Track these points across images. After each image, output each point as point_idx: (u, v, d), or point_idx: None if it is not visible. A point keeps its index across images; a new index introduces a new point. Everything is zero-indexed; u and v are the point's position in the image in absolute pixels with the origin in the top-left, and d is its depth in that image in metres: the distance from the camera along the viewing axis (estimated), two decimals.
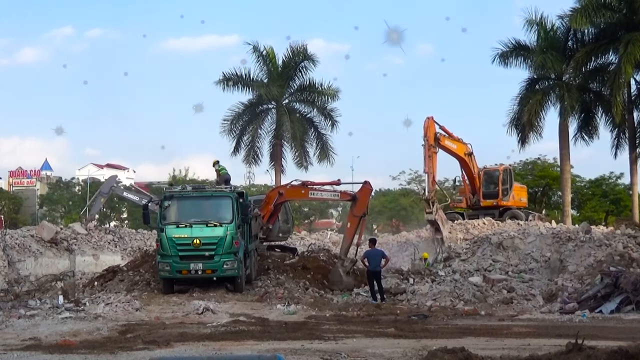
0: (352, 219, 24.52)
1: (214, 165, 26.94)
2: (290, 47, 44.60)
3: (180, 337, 14.39)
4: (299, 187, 25.93)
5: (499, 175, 35.16)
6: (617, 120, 38.37)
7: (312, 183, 25.76)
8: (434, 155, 30.25)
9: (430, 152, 30.02)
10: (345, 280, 23.77)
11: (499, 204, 34.84)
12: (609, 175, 53.54)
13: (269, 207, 25.27)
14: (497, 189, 34.96)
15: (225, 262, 21.69)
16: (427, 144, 30.16)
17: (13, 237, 30.86)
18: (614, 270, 20.00)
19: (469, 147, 33.21)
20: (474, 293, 21.30)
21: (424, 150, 30.26)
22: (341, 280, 23.75)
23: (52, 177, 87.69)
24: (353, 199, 24.52)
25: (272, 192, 26.45)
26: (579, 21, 37.39)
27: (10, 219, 62.81)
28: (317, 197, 26.11)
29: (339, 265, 24.16)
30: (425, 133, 30.39)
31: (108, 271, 25.23)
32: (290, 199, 27.20)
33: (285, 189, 26.41)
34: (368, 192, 24.69)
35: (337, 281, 23.83)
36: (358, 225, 24.30)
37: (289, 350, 12.46)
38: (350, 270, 24.02)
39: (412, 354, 11.93)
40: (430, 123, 30.48)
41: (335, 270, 24.15)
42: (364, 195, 24.42)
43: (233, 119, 45.09)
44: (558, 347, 10.87)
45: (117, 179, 46.12)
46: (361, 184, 24.87)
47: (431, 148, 30.07)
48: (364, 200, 24.37)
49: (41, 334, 14.96)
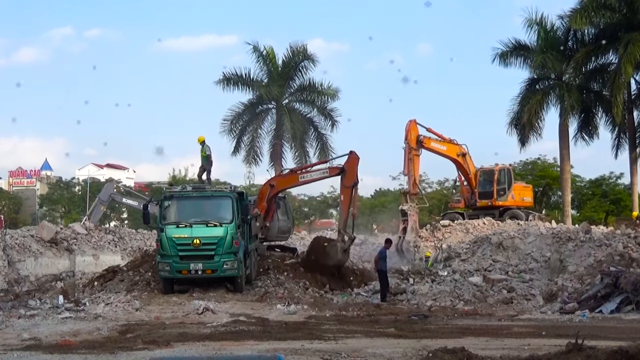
0: (345, 191, 24.62)
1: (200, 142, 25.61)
2: (290, 47, 44.70)
3: (180, 337, 14.38)
4: (289, 175, 26.47)
5: (495, 175, 35.16)
6: (617, 120, 38.42)
7: (300, 168, 26.23)
8: (415, 158, 30.77)
9: (411, 154, 30.47)
10: (341, 258, 24.15)
11: (494, 204, 34.84)
12: (609, 175, 53.57)
13: (262, 204, 25.06)
14: (492, 189, 34.98)
15: (225, 262, 21.69)
16: (407, 146, 30.55)
17: (13, 237, 30.89)
18: (614, 270, 20.00)
19: (463, 148, 33.27)
20: (474, 293, 21.29)
21: (404, 153, 30.64)
22: (336, 257, 24.05)
23: (52, 177, 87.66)
24: (342, 171, 24.67)
25: (264, 187, 26.12)
26: (578, 21, 37.46)
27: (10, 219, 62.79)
28: (307, 179, 26.10)
29: (339, 240, 24.37)
30: (406, 136, 30.68)
31: (108, 271, 25.22)
32: (283, 189, 26.94)
33: (275, 179, 26.49)
34: (355, 161, 24.64)
35: (333, 256, 24.08)
36: (351, 195, 24.44)
37: (289, 350, 12.45)
38: (347, 248, 24.29)
39: (412, 354, 11.93)
40: (413, 126, 30.82)
41: (334, 246, 24.36)
42: (352, 165, 24.49)
43: (233, 119, 45.14)
44: (558, 347, 10.87)
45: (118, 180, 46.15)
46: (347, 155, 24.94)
47: (412, 150, 30.53)
48: (352, 170, 24.44)
49: (41, 334, 14.95)
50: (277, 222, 26.37)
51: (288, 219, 27.97)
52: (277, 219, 26.36)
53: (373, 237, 39.49)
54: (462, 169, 33.87)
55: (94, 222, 39.74)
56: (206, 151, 25.43)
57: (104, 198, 41.67)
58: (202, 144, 25.57)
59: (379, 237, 38.96)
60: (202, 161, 25.58)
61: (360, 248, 35.64)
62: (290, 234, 29.66)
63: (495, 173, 35.27)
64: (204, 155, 25.45)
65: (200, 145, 25.59)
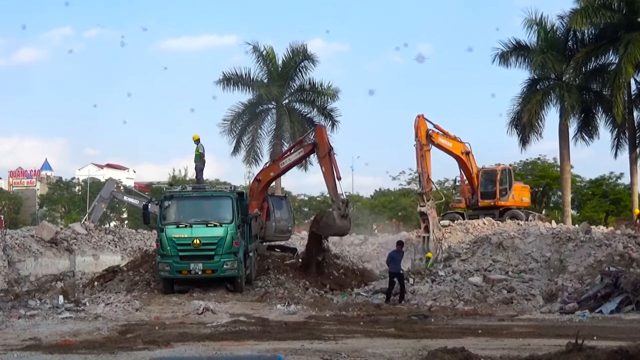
0: (323, 161, 25.24)
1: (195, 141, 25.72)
2: (290, 47, 44.67)
3: (180, 337, 14.38)
4: (270, 165, 27.52)
5: (497, 175, 35.13)
6: (617, 121, 38.37)
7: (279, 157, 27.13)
8: (427, 153, 30.12)
9: (422, 151, 29.92)
10: (340, 224, 24.06)
11: (496, 204, 34.81)
12: (609, 175, 53.58)
13: (253, 202, 25.20)
14: (494, 189, 34.93)
15: (225, 262, 21.70)
16: (418, 143, 30.11)
17: (13, 237, 30.90)
18: (614, 270, 20.00)
19: (467, 146, 33.10)
20: (474, 293, 21.28)
21: (416, 150, 30.22)
22: (334, 225, 23.98)
23: (52, 177, 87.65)
24: (314, 146, 25.60)
25: (252, 184, 26.92)
26: (579, 21, 37.43)
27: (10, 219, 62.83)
28: (287, 164, 27.09)
29: (334, 208, 24.31)
30: (416, 132, 30.30)
31: (108, 271, 25.24)
32: (269, 181, 27.60)
33: (260, 173, 27.16)
34: (321, 131, 26.17)
35: (331, 225, 24.01)
36: (330, 162, 24.96)
37: (289, 350, 12.45)
38: (345, 213, 24.21)
39: (412, 354, 11.93)
40: (421, 121, 30.31)
41: (329, 214, 24.34)
42: (320, 136, 25.66)
43: (233, 119, 45.09)
44: (558, 347, 10.86)
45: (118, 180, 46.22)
46: (313, 131, 26.67)
47: (424, 147, 29.99)
48: (323, 140, 25.41)
49: (41, 334, 14.95)
50: (274, 222, 26.35)
51: (289, 219, 27.99)
52: (273, 219, 26.35)
53: (373, 237, 39.48)
54: (465, 167, 33.69)
55: (94, 220, 39.77)
56: (199, 149, 25.50)
57: (105, 196, 41.72)
58: (196, 142, 25.65)
59: (379, 237, 39.00)
60: (195, 160, 25.66)
61: (360, 248, 35.68)
62: (290, 233, 29.66)
63: (497, 173, 35.23)
64: (197, 154, 25.54)
65: (195, 144, 25.67)
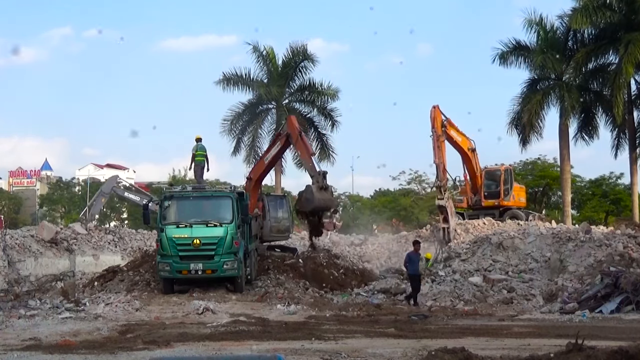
0: (297, 145, 26.75)
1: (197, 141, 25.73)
2: (290, 47, 44.63)
3: (180, 337, 14.37)
4: (257, 163, 28.93)
5: (501, 175, 35.13)
6: (617, 121, 38.33)
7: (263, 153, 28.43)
8: (442, 144, 30.04)
9: (439, 141, 29.80)
10: (319, 196, 24.26)
11: (500, 204, 34.80)
12: (609, 175, 53.60)
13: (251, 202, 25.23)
14: (498, 188, 34.92)
15: (225, 262, 21.69)
16: (435, 134, 29.91)
17: (13, 237, 30.87)
18: (614, 270, 20.01)
19: (472, 143, 33.13)
20: (474, 293, 21.29)
21: (433, 141, 30.02)
22: (313, 197, 24.22)
23: (52, 177, 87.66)
24: (287, 136, 26.84)
25: (245, 184, 27.61)
26: (578, 21, 37.38)
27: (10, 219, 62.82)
28: (270, 159, 28.03)
29: (313, 183, 24.75)
30: (432, 123, 30.10)
31: (108, 271, 25.24)
32: (259, 178, 28.15)
33: (251, 172, 27.98)
34: (291, 120, 27.32)
35: (309, 199, 24.30)
36: (303, 144, 26.37)
37: (289, 350, 12.45)
38: (323, 185, 24.55)
39: (412, 354, 11.92)
40: (437, 112, 30.16)
41: (307, 188, 24.66)
42: (290, 125, 26.91)
43: (233, 119, 45.04)
44: (558, 347, 10.86)
45: (118, 179, 46.24)
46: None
47: (440, 137, 29.85)
48: (293, 128, 26.60)
49: (41, 334, 14.94)
50: (268, 221, 26.33)
51: (288, 218, 27.98)
52: (269, 218, 26.33)
53: (373, 237, 39.46)
54: (469, 165, 33.64)
55: (93, 213, 39.81)
56: (199, 149, 25.54)
57: (106, 190, 41.95)
58: (197, 142, 25.70)
59: (379, 237, 38.98)
60: (198, 160, 25.59)
61: (360, 248, 35.64)
62: (290, 233, 29.66)
63: (501, 173, 35.23)
64: (197, 154, 25.53)
65: (196, 144, 25.68)
